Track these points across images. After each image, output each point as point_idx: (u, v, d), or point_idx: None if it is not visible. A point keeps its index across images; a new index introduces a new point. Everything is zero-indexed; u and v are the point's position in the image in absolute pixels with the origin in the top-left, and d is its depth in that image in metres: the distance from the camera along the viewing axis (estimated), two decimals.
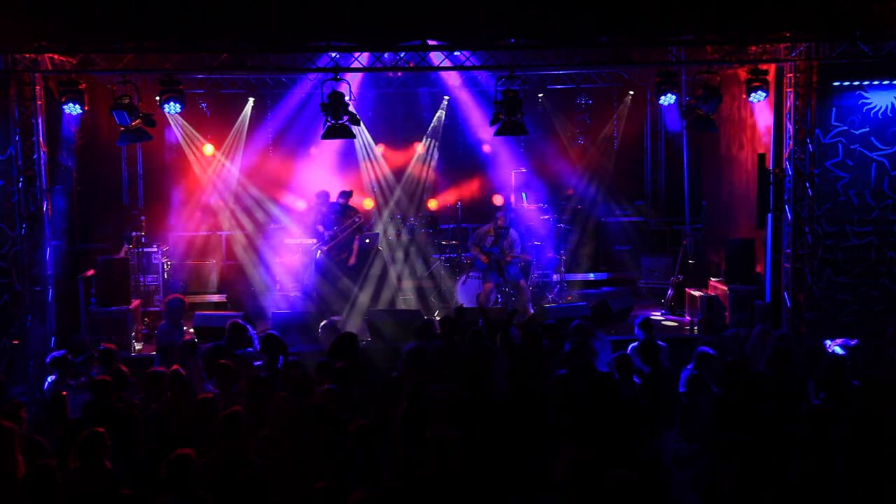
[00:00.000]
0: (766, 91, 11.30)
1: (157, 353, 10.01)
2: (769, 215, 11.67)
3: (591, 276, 15.21)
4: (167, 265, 13.49)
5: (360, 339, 9.41)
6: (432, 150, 16.11)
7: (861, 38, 10.47)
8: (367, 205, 15.65)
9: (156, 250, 13.20)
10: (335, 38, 10.63)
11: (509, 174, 15.70)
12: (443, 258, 14.04)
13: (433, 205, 15.97)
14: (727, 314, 12.04)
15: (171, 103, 11.46)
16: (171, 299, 10.53)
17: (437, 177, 16.26)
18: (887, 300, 11.12)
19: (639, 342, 9.38)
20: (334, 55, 11.07)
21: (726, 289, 12.22)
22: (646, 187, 16.55)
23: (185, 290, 13.19)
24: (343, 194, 13.20)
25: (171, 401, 7.36)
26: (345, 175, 15.52)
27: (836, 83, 11.04)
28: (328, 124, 11.03)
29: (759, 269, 12.21)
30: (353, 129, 11.28)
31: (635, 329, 9.80)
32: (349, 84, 11.42)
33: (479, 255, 12.91)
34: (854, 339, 9.44)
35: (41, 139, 10.90)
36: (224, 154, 15.12)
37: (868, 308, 11.15)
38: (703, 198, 14.27)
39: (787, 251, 11.32)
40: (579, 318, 10.26)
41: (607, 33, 10.99)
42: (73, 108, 10.98)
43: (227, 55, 11.25)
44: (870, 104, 11.09)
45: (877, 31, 10.30)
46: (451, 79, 15.04)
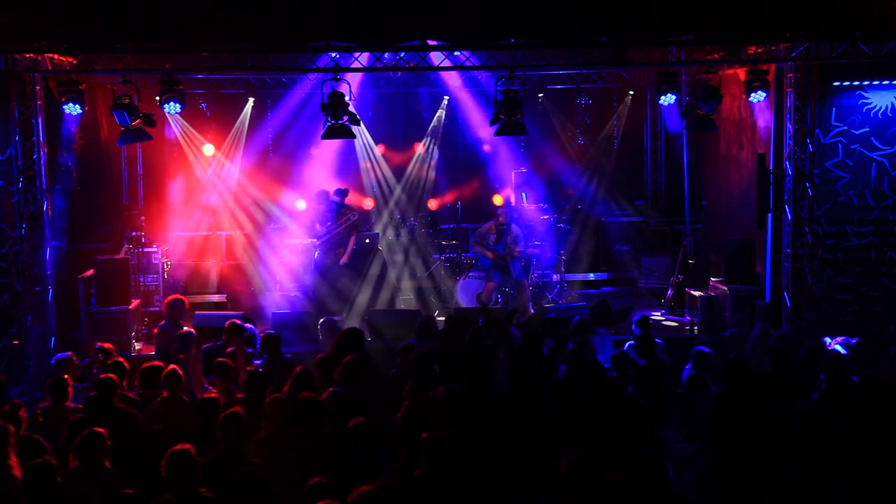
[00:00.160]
0: (766, 91, 11.31)
1: (157, 354, 10.01)
2: (769, 215, 11.66)
3: (591, 276, 15.20)
4: (167, 265, 13.49)
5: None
6: (432, 150, 16.11)
7: (861, 38, 10.47)
8: (367, 205, 15.66)
9: (156, 250, 13.18)
10: (335, 38, 10.62)
11: (509, 174, 15.68)
12: (443, 258, 14.04)
13: (433, 205, 15.96)
14: (727, 314, 12.04)
15: (171, 103, 11.47)
16: (171, 300, 10.52)
17: (437, 177, 16.24)
18: (887, 300, 11.12)
19: (635, 340, 9.41)
20: (334, 55, 11.07)
21: (726, 289, 12.22)
22: (646, 187, 16.53)
23: (185, 291, 13.19)
24: (338, 192, 13.17)
25: (167, 400, 7.36)
26: (345, 175, 15.51)
27: (836, 83, 11.04)
28: (328, 124, 11.03)
29: (758, 269, 12.22)
30: (353, 129, 11.29)
31: (632, 327, 9.82)
32: (349, 84, 11.41)
33: (483, 253, 12.87)
34: (854, 339, 9.46)
35: (41, 139, 10.91)
36: (224, 154, 15.11)
37: (868, 308, 11.15)
38: (703, 198, 14.26)
39: (787, 251, 11.32)
40: (579, 315, 10.25)
41: (607, 33, 10.99)
42: (73, 108, 10.98)
43: (227, 55, 11.26)
44: (870, 104, 11.09)
45: (877, 31, 10.30)
46: (451, 79, 15.03)
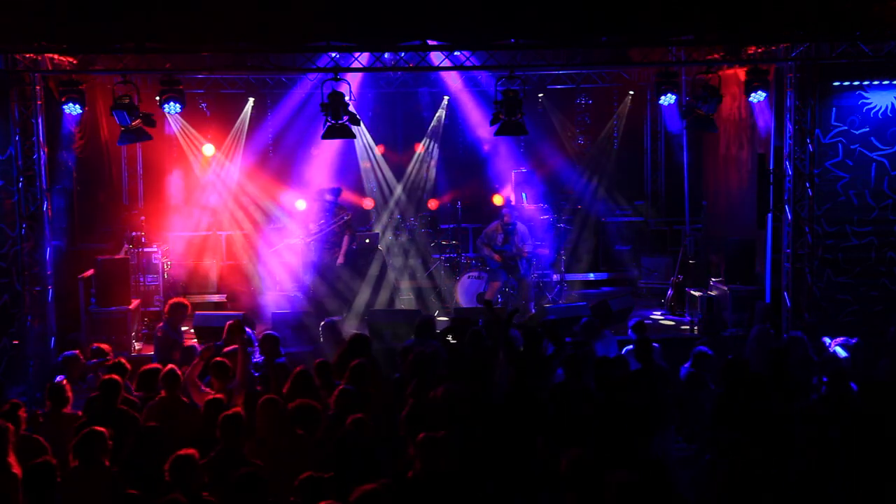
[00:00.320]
0: (766, 91, 11.30)
1: (155, 355, 9.99)
2: (769, 215, 11.66)
3: (591, 276, 15.19)
4: (167, 265, 13.49)
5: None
6: (432, 150, 16.11)
7: (861, 38, 10.47)
8: (366, 205, 15.66)
9: (156, 250, 13.17)
10: (335, 38, 10.62)
11: (509, 174, 15.67)
12: (443, 258, 14.03)
13: (433, 205, 15.96)
14: (727, 314, 12.04)
15: (171, 103, 11.46)
16: (173, 303, 10.48)
17: (437, 177, 16.24)
18: (887, 300, 11.12)
19: (634, 343, 9.41)
20: (334, 55, 11.07)
21: (726, 289, 12.22)
22: (646, 187, 16.53)
23: (185, 291, 13.19)
24: (331, 191, 13.20)
25: (165, 399, 7.36)
26: (345, 175, 15.51)
27: (836, 83, 11.05)
28: (328, 124, 11.02)
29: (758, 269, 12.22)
30: (353, 129, 11.28)
31: (629, 331, 9.82)
32: (349, 84, 11.41)
33: (491, 255, 12.87)
34: (854, 339, 9.46)
35: (41, 139, 10.91)
36: (224, 154, 15.11)
37: (868, 308, 11.15)
38: (703, 198, 14.26)
39: (787, 251, 11.32)
40: (587, 316, 10.34)
41: (607, 33, 10.98)
42: (73, 108, 10.98)
43: (227, 55, 11.25)
44: (870, 104, 11.09)
45: (877, 31, 10.30)
46: (451, 79, 15.03)
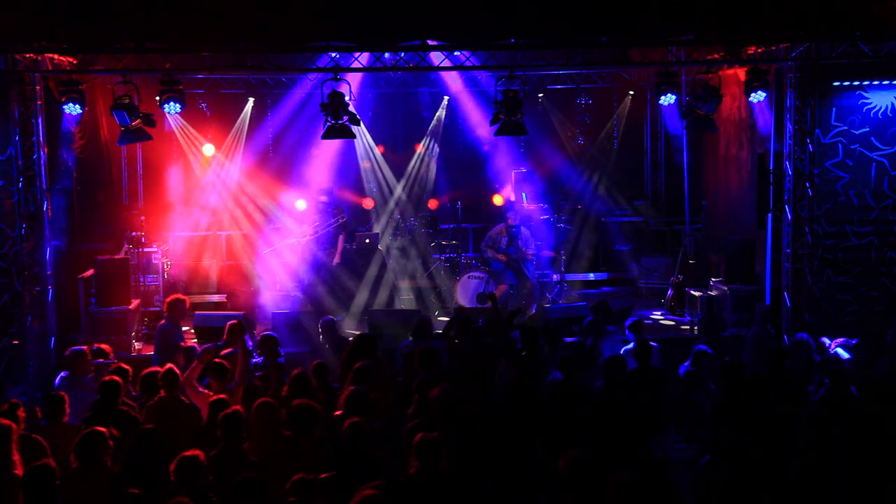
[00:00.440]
0: (766, 91, 11.30)
1: (155, 353, 10.00)
2: (769, 215, 11.67)
3: (591, 276, 15.20)
4: (167, 265, 13.49)
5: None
6: (432, 150, 16.11)
7: (861, 38, 10.47)
8: (366, 205, 15.65)
9: (156, 250, 13.18)
10: (335, 38, 10.62)
11: (509, 174, 15.68)
12: (443, 258, 14.04)
13: (433, 205, 15.96)
14: (727, 314, 12.04)
15: (171, 103, 11.46)
16: (172, 300, 10.50)
17: (437, 177, 16.24)
18: (887, 300, 11.13)
19: (633, 344, 9.41)
20: (334, 55, 11.06)
21: (726, 289, 12.21)
22: (646, 187, 16.53)
23: (185, 291, 13.19)
24: (324, 192, 13.23)
25: (164, 399, 7.36)
26: (345, 175, 15.52)
27: (836, 83, 11.05)
28: (328, 124, 11.02)
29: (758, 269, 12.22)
30: (353, 129, 11.28)
31: (626, 331, 9.82)
32: (349, 84, 11.41)
33: (496, 257, 12.90)
34: (854, 339, 9.45)
35: (41, 139, 10.92)
36: (224, 154, 15.11)
37: (868, 308, 11.15)
38: (703, 198, 14.26)
39: (787, 251, 11.32)
40: (592, 315, 10.44)
41: (607, 33, 10.99)
42: (73, 108, 10.98)
43: (227, 55, 11.25)
44: (870, 104, 11.09)
45: (877, 31, 10.30)
46: (451, 79, 15.02)
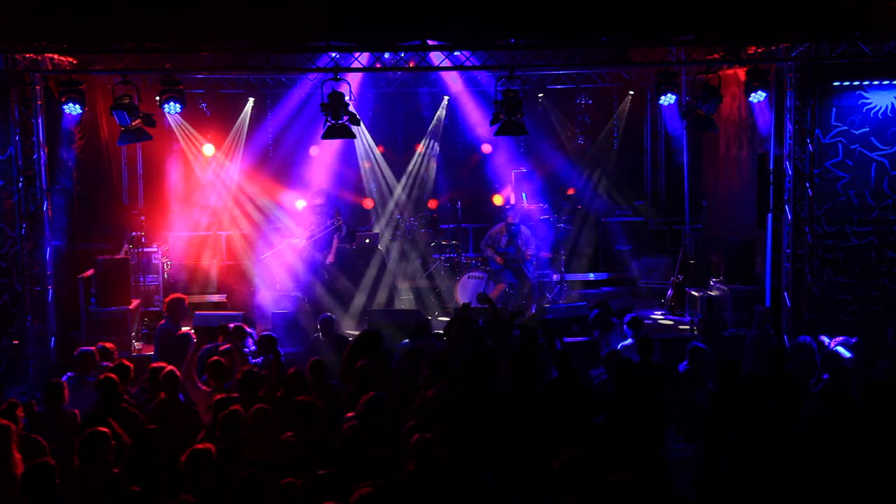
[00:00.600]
0: (766, 91, 11.30)
1: (155, 353, 10.00)
2: (769, 215, 11.67)
3: (591, 276, 15.20)
4: (167, 265, 13.49)
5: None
6: (432, 150, 16.10)
7: (861, 38, 10.47)
8: (366, 205, 15.65)
9: (156, 250, 13.18)
10: (335, 38, 10.62)
11: (509, 174, 15.68)
12: (443, 258, 14.04)
13: (433, 205, 15.96)
14: (727, 314, 12.04)
15: (171, 103, 11.46)
16: (172, 299, 10.51)
17: (437, 177, 16.24)
18: (887, 300, 11.12)
19: (633, 340, 9.42)
20: (334, 55, 11.07)
21: (726, 289, 12.21)
22: (646, 187, 16.53)
23: (185, 291, 13.19)
24: (319, 194, 13.25)
25: (165, 401, 7.38)
26: (345, 175, 15.52)
27: (836, 83, 11.04)
28: (328, 124, 11.02)
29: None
30: (353, 129, 11.29)
31: (624, 328, 9.82)
32: (349, 84, 11.41)
33: (493, 257, 12.91)
34: (854, 338, 9.45)
35: (41, 139, 10.92)
36: (224, 154, 15.11)
37: (868, 308, 11.15)
38: (703, 198, 14.26)
39: (787, 251, 11.32)
40: (598, 308, 10.60)
41: (607, 33, 10.99)
42: (73, 108, 10.97)
43: (227, 55, 11.26)
44: (870, 104, 11.09)
45: (877, 31, 10.30)
46: (451, 79, 15.02)
